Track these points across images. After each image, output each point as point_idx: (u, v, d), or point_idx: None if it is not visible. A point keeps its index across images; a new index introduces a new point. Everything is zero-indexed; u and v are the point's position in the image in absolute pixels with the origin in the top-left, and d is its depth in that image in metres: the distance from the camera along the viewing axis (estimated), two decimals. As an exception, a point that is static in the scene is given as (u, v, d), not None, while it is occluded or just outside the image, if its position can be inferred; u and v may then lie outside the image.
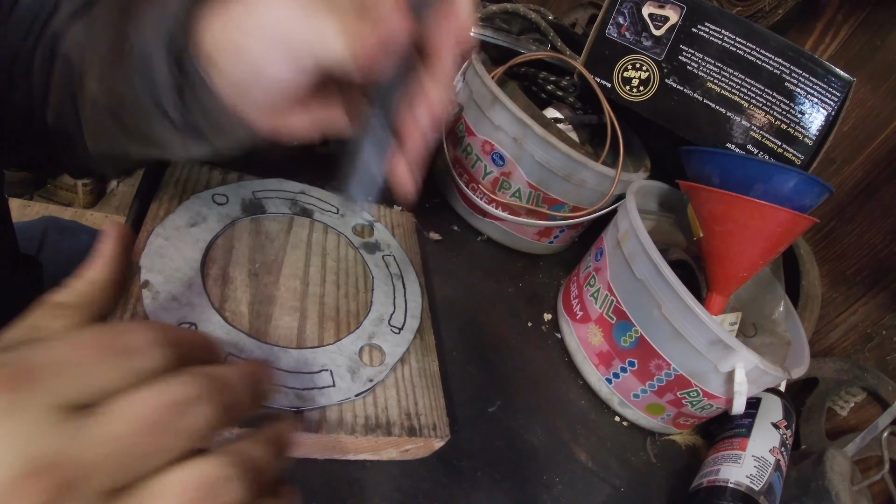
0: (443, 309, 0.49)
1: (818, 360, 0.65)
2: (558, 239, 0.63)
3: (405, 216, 0.51)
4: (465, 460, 0.39)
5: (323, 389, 0.32)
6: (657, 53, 0.56)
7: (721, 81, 0.53)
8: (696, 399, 0.46)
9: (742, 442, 0.46)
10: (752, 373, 0.42)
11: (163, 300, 0.32)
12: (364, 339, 0.37)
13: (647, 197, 0.61)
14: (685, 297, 0.42)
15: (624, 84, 0.58)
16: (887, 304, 0.62)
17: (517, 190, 0.57)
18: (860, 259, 0.64)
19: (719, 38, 0.52)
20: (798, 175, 0.47)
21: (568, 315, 0.55)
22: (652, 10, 0.56)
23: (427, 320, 0.42)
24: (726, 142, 0.54)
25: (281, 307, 0.36)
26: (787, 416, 0.49)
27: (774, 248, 0.49)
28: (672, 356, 0.45)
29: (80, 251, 0.62)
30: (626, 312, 0.47)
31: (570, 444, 0.46)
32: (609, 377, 0.50)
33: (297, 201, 0.45)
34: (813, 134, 0.51)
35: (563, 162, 0.53)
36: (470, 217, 0.62)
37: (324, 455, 0.33)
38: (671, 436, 0.53)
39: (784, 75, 0.51)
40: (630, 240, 0.47)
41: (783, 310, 0.57)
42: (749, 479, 0.43)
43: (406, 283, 0.44)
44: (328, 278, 0.40)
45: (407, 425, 0.34)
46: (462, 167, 0.60)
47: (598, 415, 0.50)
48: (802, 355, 0.48)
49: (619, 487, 0.45)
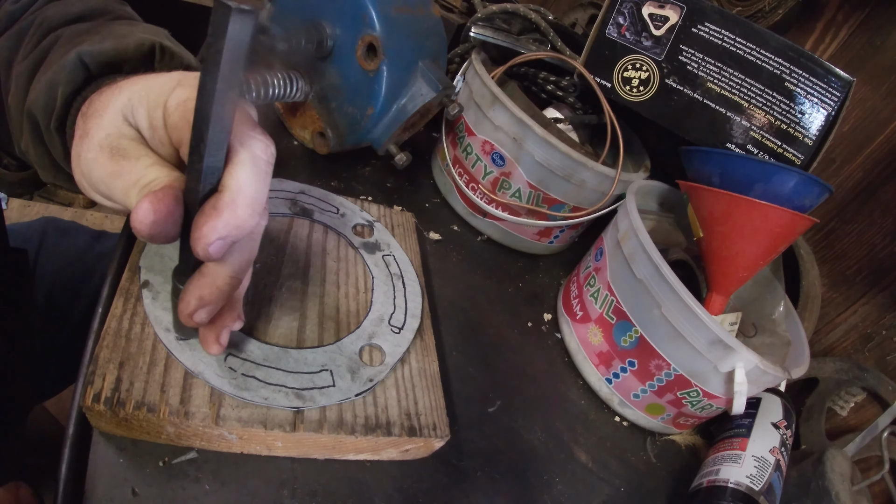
0: (443, 309, 0.49)
1: (818, 360, 0.65)
2: (558, 239, 0.63)
3: (405, 216, 0.51)
4: (465, 460, 0.39)
5: (323, 389, 0.32)
6: (657, 53, 0.56)
7: (721, 81, 0.53)
8: (696, 399, 0.46)
9: (742, 442, 0.46)
10: (752, 373, 0.42)
11: (162, 300, 0.32)
12: (364, 339, 0.37)
13: (647, 197, 0.61)
14: (685, 297, 0.42)
15: (624, 84, 0.58)
16: (887, 304, 0.62)
17: (517, 190, 0.57)
18: (860, 259, 0.64)
19: (719, 38, 0.52)
20: (798, 175, 0.47)
21: (568, 315, 0.55)
22: (652, 10, 0.56)
23: (427, 320, 0.42)
24: (726, 142, 0.54)
25: (281, 307, 0.36)
26: (787, 416, 0.49)
27: (774, 248, 0.49)
28: (672, 356, 0.45)
29: (79, 251, 0.62)
30: (626, 312, 0.47)
31: (570, 444, 0.46)
32: (609, 377, 0.50)
33: (297, 201, 0.45)
34: (813, 134, 0.51)
35: (563, 162, 0.53)
36: (470, 217, 0.62)
37: (324, 455, 0.33)
38: (671, 436, 0.53)
39: (784, 75, 0.51)
40: (630, 240, 0.47)
41: (783, 310, 0.57)
42: (749, 479, 0.43)
43: (406, 282, 0.44)
44: (328, 278, 0.40)
45: (407, 425, 0.34)
46: (462, 167, 0.60)
47: (598, 415, 0.50)
48: (802, 355, 0.48)
49: (619, 487, 0.45)
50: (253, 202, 0.24)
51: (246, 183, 0.24)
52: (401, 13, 0.48)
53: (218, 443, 0.30)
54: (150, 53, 0.32)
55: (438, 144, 0.65)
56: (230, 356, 0.31)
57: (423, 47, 0.51)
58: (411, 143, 0.57)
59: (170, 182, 0.24)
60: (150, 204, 0.22)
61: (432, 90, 0.50)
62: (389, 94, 0.49)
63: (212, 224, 0.23)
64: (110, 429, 0.28)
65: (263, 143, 0.25)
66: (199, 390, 0.29)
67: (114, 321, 0.30)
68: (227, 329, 0.30)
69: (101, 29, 0.32)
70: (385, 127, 0.51)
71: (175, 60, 0.33)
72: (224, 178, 0.24)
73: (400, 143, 0.54)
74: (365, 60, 0.48)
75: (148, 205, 0.22)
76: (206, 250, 0.23)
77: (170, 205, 0.23)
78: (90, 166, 0.25)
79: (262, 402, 0.30)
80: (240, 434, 0.29)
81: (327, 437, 0.31)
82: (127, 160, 0.25)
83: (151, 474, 0.28)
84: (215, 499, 0.29)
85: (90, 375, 0.27)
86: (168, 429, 0.28)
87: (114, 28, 0.32)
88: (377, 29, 0.46)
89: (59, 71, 0.29)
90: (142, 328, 0.30)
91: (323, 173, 0.56)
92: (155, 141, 0.25)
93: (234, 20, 0.19)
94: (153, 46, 0.32)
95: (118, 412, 0.26)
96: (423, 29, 0.51)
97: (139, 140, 0.26)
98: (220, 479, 0.30)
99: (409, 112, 0.50)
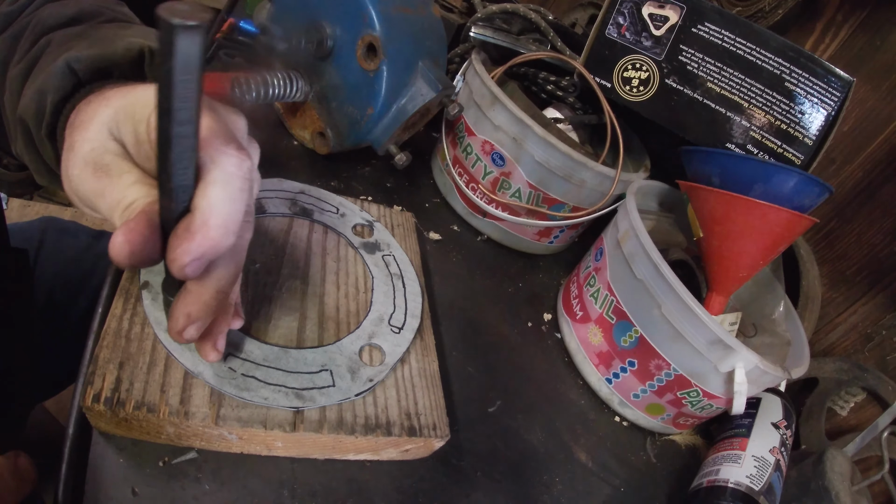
0: (443, 309, 0.49)
1: (818, 360, 0.65)
2: (558, 239, 0.63)
3: (405, 216, 0.51)
4: (465, 460, 0.39)
5: (323, 389, 0.32)
6: (657, 53, 0.56)
7: (721, 81, 0.53)
8: (696, 399, 0.46)
9: (742, 442, 0.46)
10: (752, 373, 0.42)
11: (162, 301, 0.32)
12: (364, 339, 0.37)
13: (647, 197, 0.61)
14: (685, 297, 0.42)
15: (624, 84, 0.58)
16: (887, 304, 0.62)
17: (517, 190, 0.57)
18: (860, 259, 0.64)
19: (719, 38, 0.52)
20: (798, 175, 0.47)
21: (568, 315, 0.55)
22: (652, 10, 0.56)
23: (427, 320, 0.42)
24: (726, 142, 0.54)
25: (281, 307, 0.36)
26: (787, 416, 0.49)
27: (774, 248, 0.49)
28: (672, 356, 0.45)
29: (79, 251, 0.62)
30: (626, 312, 0.47)
31: (570, 444, 0.46)
32: (609, 377, 0.50)
33: (297, 201, 0.45)
34: (813, 134, 0.51)
35: (563, 162, 0.53)
36: (470, 217, 0.62)
37: (324, 455, 0.33)
38: (671, 436, 0.53)
39: (784, 75, 0.51)
40: (630, 240, 0.47)
41: (783, 310, 0.57)
42: (749, 479, 0.43)
43: (406, 282, 0.44)
44: (328, 278, 0.40)
45: (407, 425, 0.34)
46: (462, 167, 0.60)
47: (598, 415, 0.50)
48: (802, 355, 0.48)
49: (619, 487, 0.45)
50: (225, 222, 0.23)
51: (217, 202, 0.23)
52: (401, 13, 0.48)
53: (218, 443, 0.30)
54: (139, 58, 0.31)
55: (438, 144, 0.65)
56: (230, 356, 0.31)
57: (423, 47, 0.51)
58: (411, 143, 0.57)
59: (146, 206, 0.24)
60: (123, 236, 0.22)
61: (432, 90, 0.50)
62: (389, 94, 0.49)
63: (185, 247, 0.23)
64: (110, 429, 0.28)
65: (237, 158, 0.24)
66: (198, 390, 0.29)
67: (114, 321, 0.30)
68: (222, 335, 0.29)
69: (90, 33, 0.32)
70: (385, 127, 0.51)
71: None
72: (195, 198, 0.23)
73: (400, 143, 0.54)
74: (365, 60, 0.48)
75: (122, 237, 0.22)
76: (182, 272, 0.23)
77: (143, 232, 0.23)
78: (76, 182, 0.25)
79: (262, 402, 0.30)
80: (240, 434, 0.29)
81: (327, 437, 0.31)
82: (109, 177, 0.24)
83: (151, 474, 0.28)
84: (215, 499, 0.29)
85: (90, 375, 0.27)
86: (168, 429, 0.28)
87: (103, 32, 0.32)
88: (377, 29, 0.46)
89: (48, 78, 0.29)
90: (142, 328, 0.30)
91: (323, 173, 0.56)
92: (140, 156, 0.25)
93: (181, 37, 0.18)
94: (142, 50, 0.31)
95: (118, 412, 0.26)
96: (423, 29, 0.51)
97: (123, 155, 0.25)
98: (220, 479, 0.30)
99: (409, 112, 0.50)
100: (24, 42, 0.32)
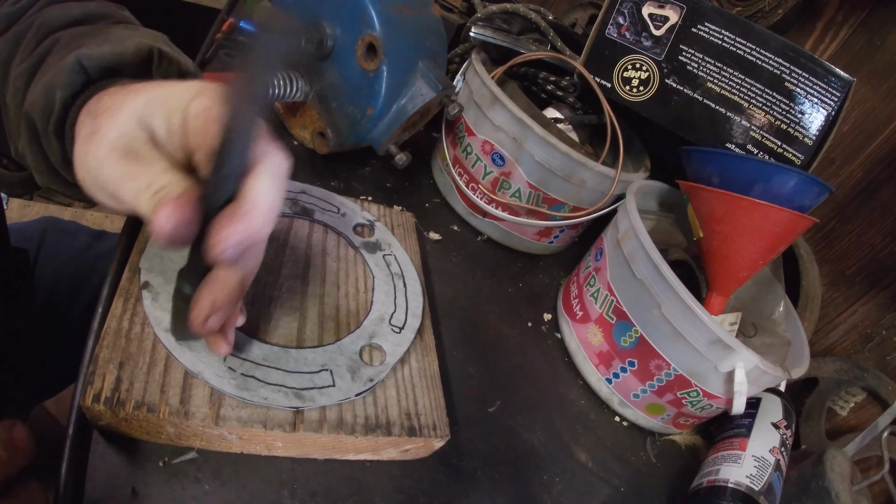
0: (443, 309, 0.49)
1: (818, 360, 0.65)
2: (558, 239, 0.63)
3: (405, 216, 0.51)
4: (465, 460, 0.39)
5: (323, 389, 0.32)
6: (657, 53, 0.56)
7: (721, 81, 0.53)
8: (696, 399, 0.46)
9: (742, 442, 0.46)
10: (752, 373, 0.42)
11: (162, 301, 0.32)
12: (364, 339, 0.37)
13: (647, 197, 0.61)
14: (685, 297, 0.42)
15: (624, 84, 0.58)
16: (887, 304, 0.62)
17: (517, 190, 0.57)
18: (860, 259, 0.64)
19: (719, 38, 0.52)
20: (798, 175, 0.47)
21: (568, 315, 0.55)
22: (652, 10, 0.56)
23: (427, 320, 0.42)
24: (726, 142, 0.54)
25: (281, 307, 0.36)
26: (787, 416, 0.49)
27: (774, 248, 0.49)
28: (672, 356, 0.45)
29: (79, 251, 0.62)
30: (626, 312, 0.47)
31: (570, 444, 0.46)
32: (609, 377, 0.50)
33: (298, 201, 0.45)
34: (813, 134, 0.51)
35: (563, 162, 0.53)
36: (470, 217, 0.62)
37: (324, 455, 0.33)
38: (671, 436, 0.53)
39: (784, 75, 0.51)
40: (630, 240, 0.47)
41: (783, 310, 0.57)
42: (749, 479, 0.43)
43: (407, 282, 0.44)
44: (328, 278, 0.40)
45: (407, 425, 0.34)
46: (462, 167, 0.60)
47: (598, 415, 0.50)
48: (802, 355, 0.48)
49: (619, 487, 0.45)
50: (269, 212, 0.25)
51: (265, 191, 0.25)
52: (401, 13, 0.48)
53: (218, 443, 0.30)
54: (148, 58, 0.32)
55: (438, 144, 0.65)
56: (230, 356, 0.31)
57: (423, 47, 0.51)
58: (411, 143, 0.57)
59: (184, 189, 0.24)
60: (171, 210, 0.23)
61: (432, 90, 0.50)
62: (389, 94, 0.49)
63: (229, 230, 0.24)
64: (110, 429, 0.28)
65: (281, 156, 0.26)
66: (198, 390, 0.29)
67: (114, 321, 0.30)
68: (231, 329, 0.30)
69: (100, 33, 0.32)
70: (385, 127, 0.51)
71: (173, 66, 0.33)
72: (244, 187, 0.25)
73: (400, 143, 0.54)
74: (365, 60, 0.48)
75: (169, 210, 0.23)
76: (222, 255, 0.24)
77: (188, 211, 0.24)
78: (99, 164, 0.25)
79: (262, 402, 0.30)
80: (240, 434, 0.29)
81: (327, 437, 0.31)
82: (140, 163, 0.25)
83: (151, 474, 0.28)
84: (215, 499, 0.29)
85: (90, 375, 0.27)
86: (168, 429, 0.28)
87: (113, 32, 0.32)
88: (377, 29, 0.46)
89: (58, 74, 0.29)
90: (142, 328, 0.30)
91: (323, 173, 0.56)
92: (170, 146, 0.26)
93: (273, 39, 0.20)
94: (151, 51, 0.32)
95: (118, 412, 0.26)
96: (423, 29, 0.51)
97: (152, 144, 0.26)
98: (220, 479, 0.30)
99: (409, 112, 0.50)
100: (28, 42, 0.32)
